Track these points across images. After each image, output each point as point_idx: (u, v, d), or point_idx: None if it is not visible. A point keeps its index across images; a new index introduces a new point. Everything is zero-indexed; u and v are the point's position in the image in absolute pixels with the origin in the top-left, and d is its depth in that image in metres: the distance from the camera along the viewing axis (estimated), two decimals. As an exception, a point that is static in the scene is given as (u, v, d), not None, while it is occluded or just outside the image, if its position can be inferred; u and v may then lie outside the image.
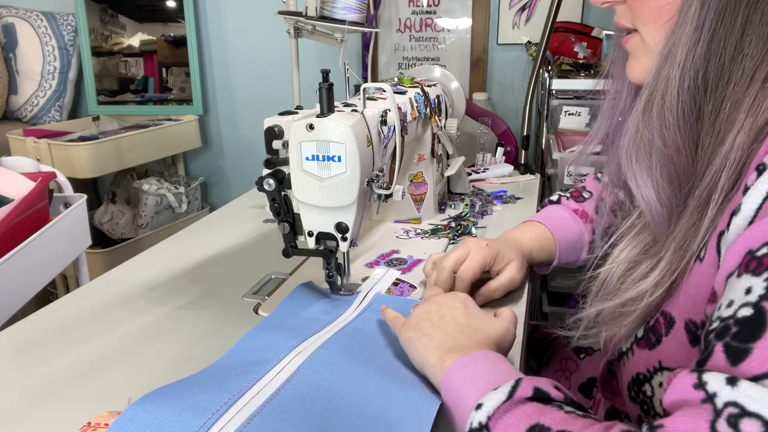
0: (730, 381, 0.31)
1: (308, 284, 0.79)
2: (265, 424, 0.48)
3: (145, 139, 1.94)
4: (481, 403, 0.42)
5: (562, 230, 0.81)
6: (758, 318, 0.32)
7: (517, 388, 0.42)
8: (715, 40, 0.44)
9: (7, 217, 0.91)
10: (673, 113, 0.47)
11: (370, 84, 0.74)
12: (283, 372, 0.56)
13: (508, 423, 0.40)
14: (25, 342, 0.68)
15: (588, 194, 0.85)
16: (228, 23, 2.10)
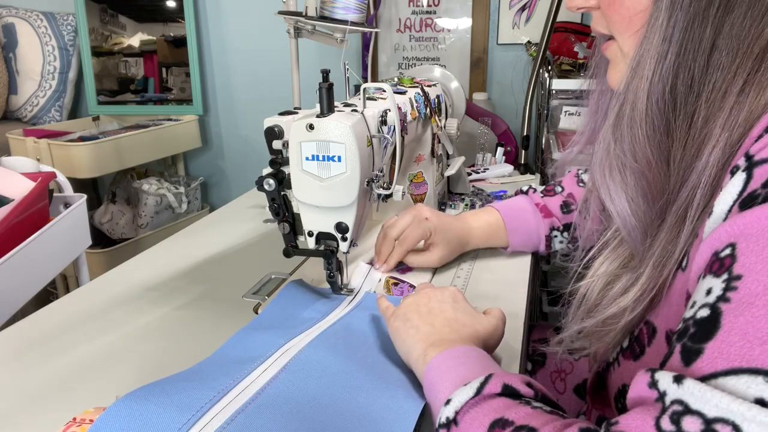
0: (676, 379, 0.31)
1: (299, 282, 0.79)
2: (249, 421, 0.49)
3: (145, 139, 1.94)
4: (450, 398, 0.43)
5: (516, 220, 0.85)
6: (713, 319, 0.32)
7: (486, 384, 0.43)
8: (684, 53, 0.43)
9: (7, 217, 0.91)
10: (643, 127, 0.46)
11: (370, 84, 0.74)
12: (269, 370, 0.56)
13: (474, 417, 0.41)
14: (25, 342, 0.68)
15: (560, 189, 0.87)
16: (228, 23, 2.10)
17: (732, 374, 0.30)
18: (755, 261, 0.32)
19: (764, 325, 0.30)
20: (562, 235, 0.85)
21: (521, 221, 0.85)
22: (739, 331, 0.31)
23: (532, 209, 0.85)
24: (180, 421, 0.47)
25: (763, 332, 0.30)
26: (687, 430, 0.29)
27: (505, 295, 0.77)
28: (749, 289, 0.31)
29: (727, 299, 0.32)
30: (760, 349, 0.29)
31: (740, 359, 0.30)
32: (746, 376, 0.29)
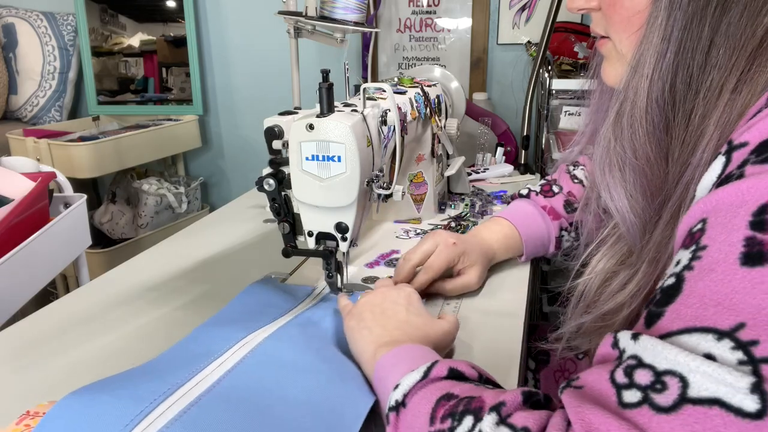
0: (633, 337, 0.33)
1: (266, 279, 0.80)
2: (202, 412, 0.49)
3: (145, 139, 1.94)
4: (399, 383, 0.45)
5: (528, 228, 0.83)
6: (677, 285, 0.34)
7: (432, 368, 0.45)
8: (683, 51, 0.44)
9: (7, 217, 0.91)
10: (643, 125, 0.47)
11: (370, 84, 0.74)
12: (226, 363, 0.57)
13: (421, 397, 0.43)
14: (25, 342, 0.68)
15: (558, 188, 0.86)
16: (228, 23, 2.10)
17: (686, 333, 0.31)
18: (720, 232, 0.33)
19: (720, 289, 0.31)
20: (570, 234, 0.85)
21: (533, 228, 0.84)
22: (698, 295, 0.32)
23: (540, 213, 0.84)
24: (132, 413, 0.47)
25: (718, 295, 0.31)
26: (638, 381, 0.31)
27: (505, 295, 0.77)
28: (711, 257, 0.33)
29: (691, 267, 0.34)
30: (714, 309, 0.31)
31: (695, 320, 0.31)
32: (698, 334, 0.31)
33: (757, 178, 0.33)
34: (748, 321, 0.29)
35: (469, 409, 0.38)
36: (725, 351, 0.29)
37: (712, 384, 0.28)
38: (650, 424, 0.29)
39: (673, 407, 0.29)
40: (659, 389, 0.30)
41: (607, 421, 0.31)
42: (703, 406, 0.28)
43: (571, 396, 0.34)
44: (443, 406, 0.41)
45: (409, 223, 1.05)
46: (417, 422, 0.42)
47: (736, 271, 0.31)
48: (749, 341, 0.29)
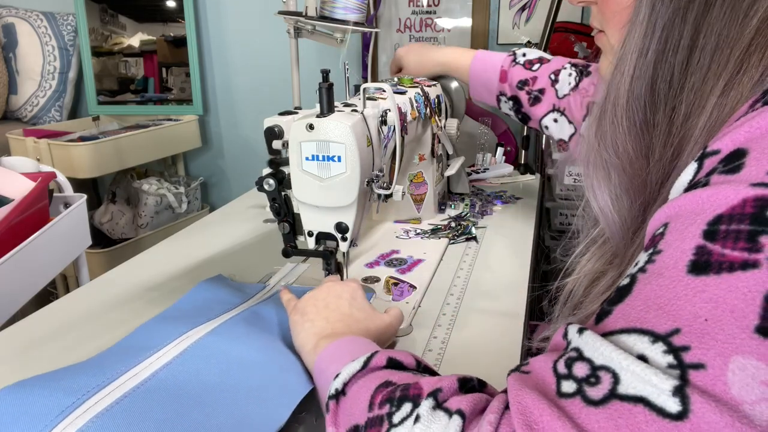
0: (579, 330, 0.34)
1: (218, 277, 0.80)
2: (134, 403, 0.50)
3: (145, 139, 1.94)
4: (339, 372, 0.46)
5: (478, 75, 1.00)
6: (629, 286, 0.35)
7: (372, 358, 0.46)
8: (665, 50, 0.43)
9: (7, 217, 0.91)
10: (623, 123, 0.46)
11: (370, 84, 0.74)
12: (164, 357, 0.57)
13: (360, 385, 0.44)
14: (26, 342, 0.68)
15: (537, 66, 0.96)
16: (228, 23, 2.10)
17: (626, 332, 0.32)
18: (676, 238, 0.34)
19: (664, 294, 0.32)
20: (509, 102, 0.98)
21: (483, 76, 0.99)
22: (643, 298, 0.33)
23: (497, 68, 0.98)
24: (64, 404, 0.48)
25: (661, 299, 0.32)
26: (576, 373, 0.33)
27: (505, 295, 0.77)
28: (663, 262, 0.33)
29: (644, 270, 0.34)
30: (655, 313, 0.32)
31: (636, 321, 0.32)
32: (636, 335, 0.32)
33: (718, 188, 0.33)
34: (683, 327, 0.30)
35: (407, 396, 0.39)
36: (657, 354, 0.30)
37: (639, 383, 0.30)
38: (579, 415, 0.31)
39: (602, 401, 0.30)
40: (593, 383, 0.31)
41: (541, 406, 0.32)
42: (629, 403, 0.30)
43: (515, 379, 0.36)
44: (381, 392, 0.42)
45: (409, 223, 1.05)
46: (356, 409, 0.43)
47: (682, 278, 0.32)
48: (681, 347, 0.30)
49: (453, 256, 0.91)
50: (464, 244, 0.96)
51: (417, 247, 0.93)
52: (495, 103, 1.01)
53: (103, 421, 0.47)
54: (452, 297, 0.77)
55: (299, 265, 0.88)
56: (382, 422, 0.39)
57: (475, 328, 0.69)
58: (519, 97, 0.96)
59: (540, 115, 0.94)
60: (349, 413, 0.43)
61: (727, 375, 0.28)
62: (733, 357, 0.28)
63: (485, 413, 0.35)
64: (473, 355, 0.63)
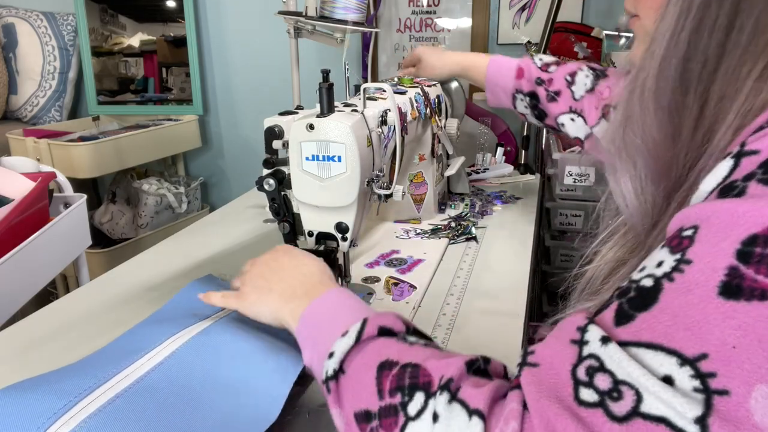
0: (603, 340, 0.34)
1: (207, 278, 0.79)
2: (126, 404, 0.49)
3: (145, 139, 1.94)
4: (332, 351, 0.45)
5: (494, 79, 1.02)
6: (653, 292, 0.34)
7: (363, 329, 0.46)
8: (699, 30, 0.42)
9: (7, 217, 0.91)
10: (651, 105, 0.45)
11: (370, 84, 0.74)
12: (156, 357, 0.57)
13: (359, 362, 0.44)
14: (25, 342, 0.68)
15: (554, 69, 0.96)
16: (228, 23, 2.10)
17: (651, 348, 0.32)
18: (707, 252, 0.33)
19: (693, 314, 0.32)
20: (526, 98, 0.97)
21: (498, 79, 1.00)
22: (671, 312, 0.33)
23: (514, 67, 0.99)
24: (56, 407, 0.48)
25: (690, 319, 0.32)
26: (597, 384, 0.33)
27: (505, 295, 0.77)
28: (692, 277, 0.33)
29: (671, 278, 0.34)
30: (683, 334, 0.31)
31: (663, 337, 0.32)
32: (662, 354, 0.32)
33: (756, 203, 0.32)
34: (711, 353, 0.30)
35: (417, 384, 0.40)
36: (684, 377, 0.31)
37: (662, 405, 0.30)
38: (602, 429, 0.31)
39: (626, 418, 0.31)
40: (615, 397, 0.32)
41: (563, 420, 0.32)
42: (652, 422, 0.30)
43: (530, 382, 0.35)
44: (387, 376, 0.41)
45: (409, 223, 1.05)
46: (362, 391, 0.42)
47: (712, 300, 0.31)
48: (708, 373, 0.30)
49: (453, 256, 0.91)
50: (464, 244, 0.96)
51: (417, 247, 0.93)
52: (510, 102, 1.00)
53: (95, 422, 0.47)
54: (452, 297, 0.77)
55: None
56: (397, 413, 0.39)
57: (475, 328, 0.69)
58: (537, 92, 0.96)
59: (557, 113, 0.94)
60: (355, 395, 0.43)
61: (750, 402, 0.29)
62: (757, 385, 0.29)
63: (506, 417, 0.35)
64: (473, 355, 0.63)
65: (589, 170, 1.27)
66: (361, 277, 0.83)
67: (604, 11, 1.73)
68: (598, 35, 1.68)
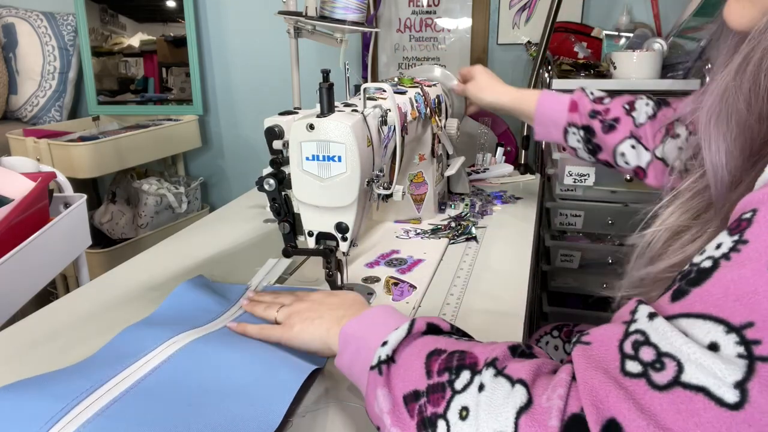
0: (650, 316, 0.36)
1: (199, 279, 0.79)
2: (125, 407, 0.50)
3: (145, 139, 1.94)
4: (386, 340, 0.48)
5: (543, 112, 0.96)
6: (710, 270, 0.35)
7: (413, 325, 0.49)
8: None
9: (7, 217, 0.91)
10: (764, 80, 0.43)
11: (370, 84, 0.74)
12: (153, 361, 0.57)
13: (409, 352, 0.47)
14: (25, 342, 0.68)
15: (608, 100, 0.91)
16: (228, 23, 2.10)
17: (701, 318, 0.34)
18: (764, 231, 0.34)
19: (744, 286, 0.33)
20: (579, 133, 0.92)
21: (548, 113, 0.95)
22: (723, 285, 0.34)
23: (566, 100, 0.94)
24: (54, 410, 0.48)
25: (740, 291, 0.33)
26: (642, 356, 0.34)
27: (505, 295, 0.77)
28: (747, 254, 0.34)
29: (728, 257, 0.35)
30: (732, 304, 0.33)
31: (713, 308, 0.34)
32: (710, 323, 0.33)
33: None
34: (757, 321, 0.32)
35: (464, 364, 0.42)
36: (729, 343, 0.32)
37: (702, 374, 0.32)
38: (644, 397, 0.33)
39: (667, 386, 0.33)
40: (658, 368, 0.33)
41: (607, 387, 0.34)
42: (691, 391, 0.32)
43: (581, 356, 0.37)
44: (435, 360, 0.44)
45: (409, 223, 1.05)
46: (411, 375, 0.44)
47: (763, 274, 0.33)
48: (753, 340, 0.31)
49: (453, 256, 0.91)
50: (464, 244, 0.96)
51: (417, 247, 0.93)
52: (561, 137, 0.95)
53: (94, 426, 0.47)
54: (452, 297, 0.77)
55: (280, 261, 0.87)
56: (444, 389, 0.42)
57: (475, 328, 0.69)
58: (591, 126, 0.90)
59: (615, 143, 0.87)
60: (404, 379, 0.45)
61: None
62: None
63: (554, 385, 0.37)
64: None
65: (589, 170, 1.27)
66: (361, 277, 0.83)
67: (604, 11, 1.73)
68: (598, 35, 1.68)
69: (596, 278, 1.44)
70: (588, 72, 1.51)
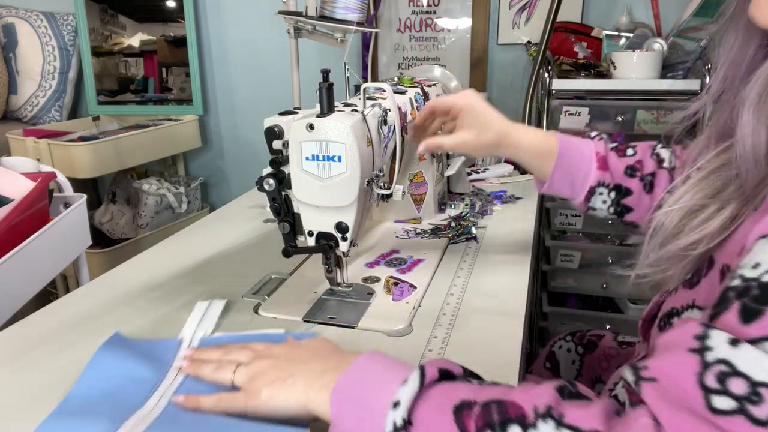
0: (732, 342, 0.32)
1: (115, 338, 0.65)
2: None
3: (145, 139, 1.94)
4: (396, 400, 0.41)
5: (570, 156, 0.76)
6: None
7: (424, 374, 0.42)
8: None
9: (7, 217, 0.91)
10: None
11: (370, 84, 0.74)
12: None
13: (429, 410, 0.40)
14: (25, 342, 0.68)
15: (631, 152, 0.77)
16: (228, 23, 2.10)
17: None
18: None
19: None
20: (609, 194, 0.76)
21: (574, 158, 0.76)
22: None
23: (590, 154, 0.76)
24: None
25: None
26: (732, 390, 0.31)
27: (505, 295, 0.77)
28: None
29: None
30: None
31: None
32: None
33: None
34: None
35: (509, 418, 0.37)
36: None
37: None
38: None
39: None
40: (755, 401, 0.30)
41: (700, 428, 0.31)
42: None
43: (655, 396, 0.34)
44: (469, 416, 0.38)
45: (409, 223, 1.05)
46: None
47: None
48: None
49: (453, 256, 0.91)
50: (464, 244, 0.96)
51: (417, 247, 0.93)
52: (582, 195, 0.76)
53: None
54: (452, 297, 0.77)
55: (213, 303, 0.73)
56: None
57: (475, 328, 0.69)
58: (629, 187, 0.75)
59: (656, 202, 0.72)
60: None
61: None
62: None
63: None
64: (473, 354, 0.63)
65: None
66: (361, 277, 0.83)
67: (604, 11, 1.73)
68: (598, 35, 1.68)
69: (596, 278, 1.44)
70: (588, 72, 1.51)
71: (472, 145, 0.76)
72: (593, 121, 1.43)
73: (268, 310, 0.74)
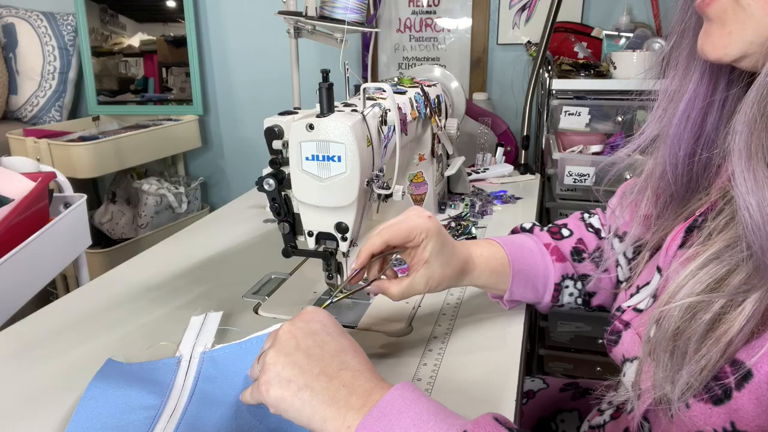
0: None
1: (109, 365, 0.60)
2: None
3: (145, 139, 1.94)
4: None
5: (522, 258, 0.67)
6: None
7: None
8: None
9: (7, 217, 0.91)
10: None
11: (370, 84, 0.74)
12: None
13: None
14: (25, 342, 0.68)
15: (568, 232, 0.71)
16: (228, 23, 2.10)
17: None
18: None
19: None
20: (575, 285, 0.69)
21: (528, 261, 0.67)
22: None
23: (540, 250, 0.69)
24: None
25: None
26: None
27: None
28: None
29: None
30: None
31: None
32: None
33: None
34: None
35: None
36: None
37: None
38: None
39: None
40: None
41: None
42: None
43: None
44: None
45: (409, 223, 1.05)
46: None
47: None
48: None
49: (453, 256, 0.91)
50: (464, 244, 0.96)
51: (417, 247, 0.93)
52: (549, 296, 0.69)
53: None
54: (452, 297, 0.77)
55: (208, 316, 0.70)
56: None
57: (476, 327, 0.69)
58: (584, 271, 0.69)
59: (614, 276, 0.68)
60: None
61: None
62: None
63: None
64: (473, 354, 0.63)
65: (589, 170, 1.27)
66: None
67: (604, 11, 1.73)
68: (598, 35, 1.68)
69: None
70: (588, 72, 1.51)
71: (436, 281, 0.62)
72: (593, 121, 1.43)
73: (268, 310, 0.74)
